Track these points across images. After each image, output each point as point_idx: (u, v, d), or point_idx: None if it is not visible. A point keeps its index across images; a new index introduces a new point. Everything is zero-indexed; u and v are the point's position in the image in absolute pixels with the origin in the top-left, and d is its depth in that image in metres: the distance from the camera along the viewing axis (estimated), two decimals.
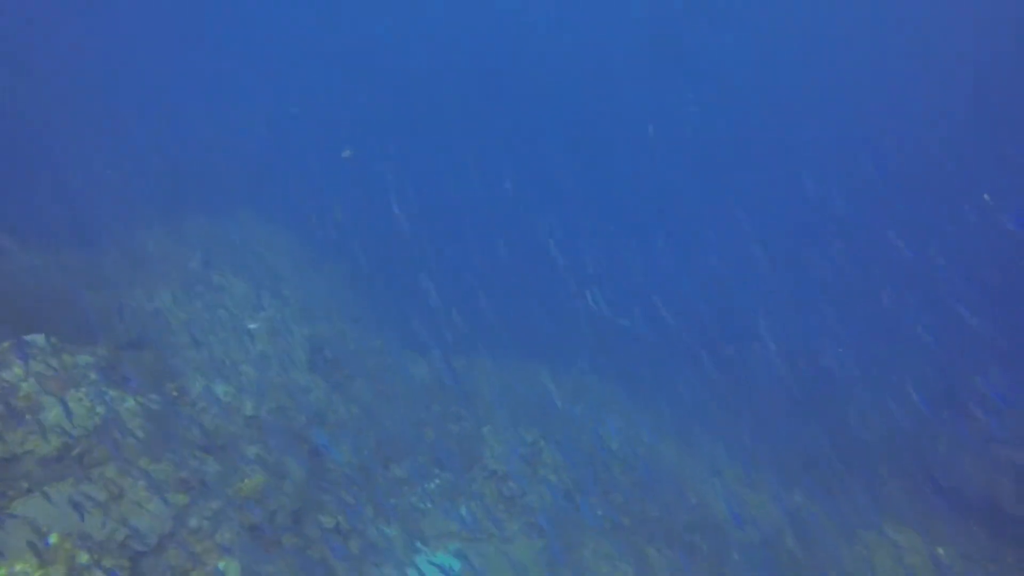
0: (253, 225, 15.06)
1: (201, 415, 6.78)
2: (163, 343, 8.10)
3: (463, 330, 13.03)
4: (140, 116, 17.45)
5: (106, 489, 5.05)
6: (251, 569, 5.40)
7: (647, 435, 11.12)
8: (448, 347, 12.72)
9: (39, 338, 5.91)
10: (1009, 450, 9.20)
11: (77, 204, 12.79)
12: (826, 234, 14.41)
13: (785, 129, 21.94)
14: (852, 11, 23.21)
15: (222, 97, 19.64)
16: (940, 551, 8.25)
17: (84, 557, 4.36)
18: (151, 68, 19.66)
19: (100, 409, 5.51)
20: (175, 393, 6.96)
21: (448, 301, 13.74)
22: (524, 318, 13.58)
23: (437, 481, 9.94)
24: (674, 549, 8.74)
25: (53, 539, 4.42)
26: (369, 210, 15.80)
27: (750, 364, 12.17)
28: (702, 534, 8.99)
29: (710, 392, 11.74)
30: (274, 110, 18.14)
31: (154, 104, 18.34)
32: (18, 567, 4.23)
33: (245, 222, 14.95)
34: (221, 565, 5.09)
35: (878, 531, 8.19)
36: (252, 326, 10.60)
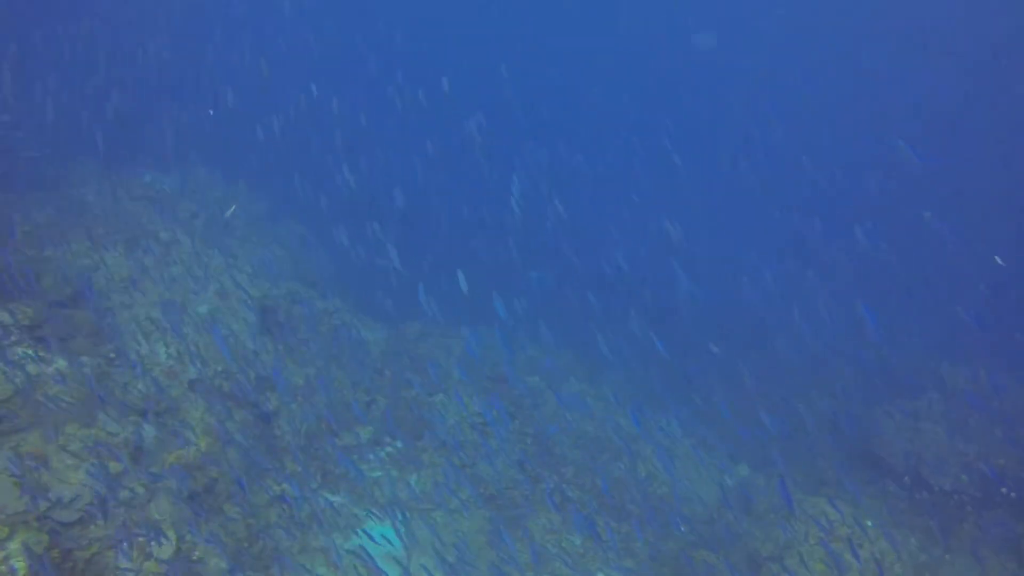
0: (207, 180, 14.40)
1: (140, 379, 6.49)
2: (100, 302, 7.70)
3: (420, 294, 12.84)
4: (90, 57, 16.31)
5: (26, 458, 4.78)
6: (187, 539, 5.25)
7: (600, 406, 11.27)
8: (403, 312, 12.58)
9: None
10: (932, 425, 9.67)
11: (13, 149, 11.98)
12: None
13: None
14: None
15: (180, 36, 18.44)
16: (868, 523, 8.64)
17: None
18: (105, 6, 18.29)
19: (20, 372, 5.19)
20: (112, 355, 6.63)
21: (406, 265, 13.49)
22: (482, 283, 13.46)
23: (388, 449, 9.88)
24: (621, 522, 8.93)
25: None
26: (329, 166, 15.32)
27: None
28: (649, 507, 9.20)
29: (661, 363, 11.91)
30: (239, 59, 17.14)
31: (103, 43, 17.15)
32: None
33: (198, 176, 14.28)
34: (153, 536, 4.92)
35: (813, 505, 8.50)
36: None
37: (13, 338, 5.81)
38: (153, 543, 4.94)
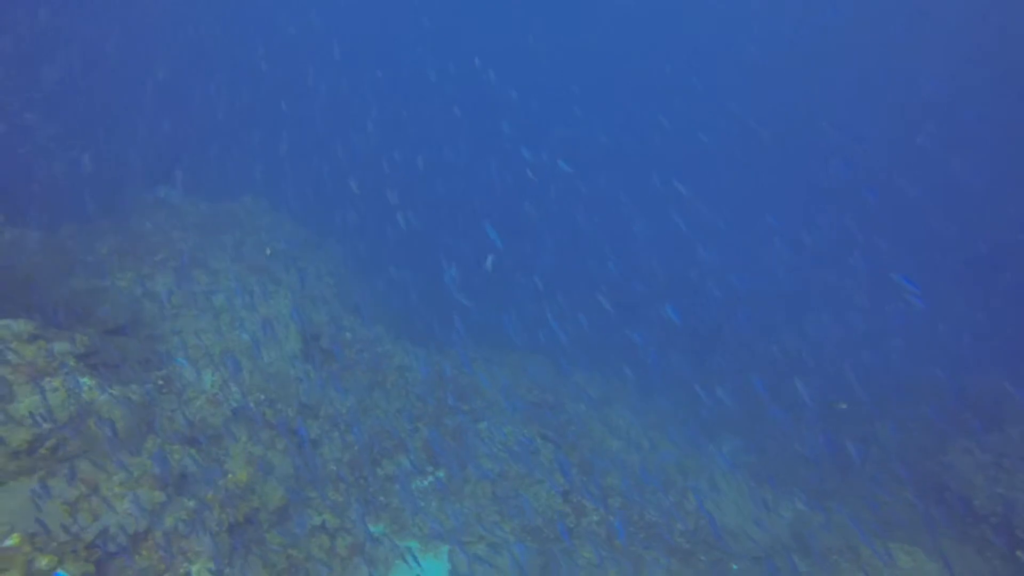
0: (255, 208, 14.79)
1: (186, 406, 6.54)
2: (152, 329, 7.86)
3: (465, 322, 12.81)
4: (150, 93, 17.15)
5: (77, 485, 4.81)
6: (225, 572, 5.18)
7: (647, 435, 10.87)
8: (448, 339, 12.52)
9: (15, 323, 5.67)
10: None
11: (76, 180, 12.57)
12: None
13: None
14: None
15: (232, 80, 19.26)
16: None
17: (43, 561, 4.13)
18: (167, 46, 19.32)
19: (76, 399, 5.27)
20: (160, 382, 6.71)
21: (450, 292, 13.49)
22: (530, 312, 13.32)
23: (430, 479, 9.72)
24: (670, 558, 8.49)
25: (13, 540, 4.19)
26: (374, 198, 15.56)
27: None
28: (700, 543, 8.73)
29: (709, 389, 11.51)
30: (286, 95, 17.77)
31: (164, 80, 18.05)
32: None
33: (247, 205, 14.69)
34: (194, 569, 4.86)
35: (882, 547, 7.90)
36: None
37: (71, 364, 5.93)
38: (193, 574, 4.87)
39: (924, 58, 23.35)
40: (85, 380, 5.51)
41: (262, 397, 8.25)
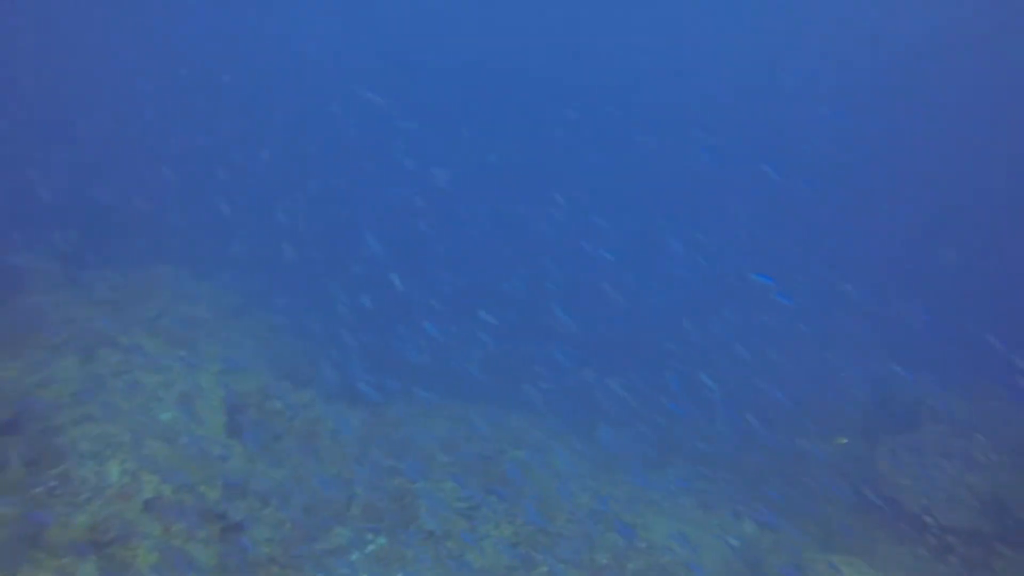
0: (175, 278, 14.18)
1: (84, 507, 6.01)
2: (46, 423, 7.26)
3: (399, 376, 12.52)
4: (49, 155, 16.36)
5: None
6: None
7: (593, 473, 10.76)
8: (383, 396, 12.17)
9: None
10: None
11: None
12: None
13: None
14: None
15: (140, 140, 18.65)
16: None
17: None
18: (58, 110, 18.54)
19: None
20: (53, 483, 6.16)
21: (382, 347, 13.19)
22: (463, 360, 13.15)
23: (371, 547, 9.25)
24: None
25: None
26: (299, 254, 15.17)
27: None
28: None
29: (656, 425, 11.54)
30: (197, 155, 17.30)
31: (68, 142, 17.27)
32: None
33: (163, 275, 14.06)
34: None
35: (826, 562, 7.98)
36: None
37: None
38: None
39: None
40: None
41: (180, 483, 7.70)
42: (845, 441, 10.58)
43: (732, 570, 8.95)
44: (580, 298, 14.08)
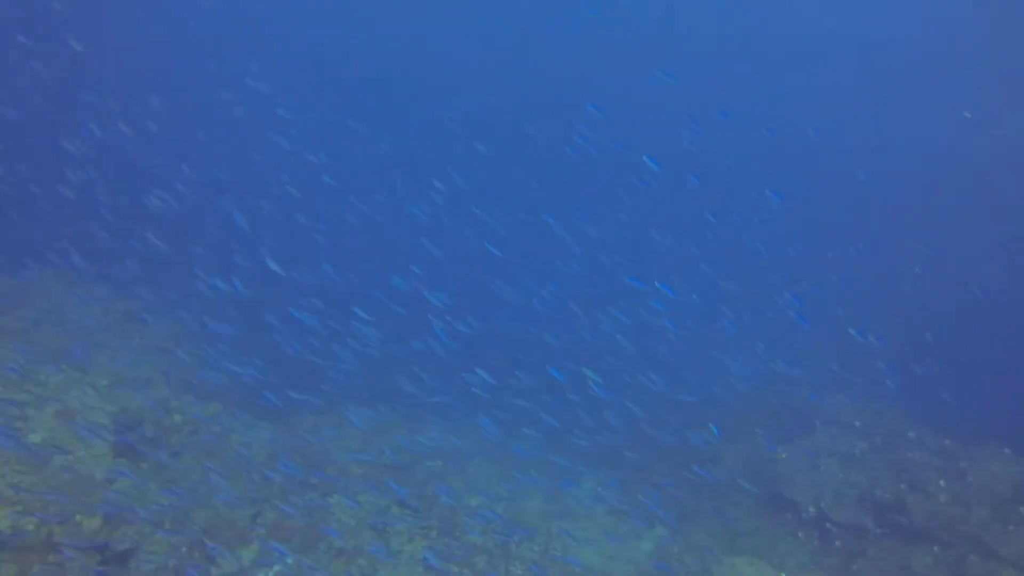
0: (52, 280, 12.97)
1: None
2: None
3: (311, 383, 11.98)
4: None
5: None
6: None
7: (507, 484, 10.69)
8: (294, 405, 11.63)
9: None
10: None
11: None
12: None
13: None
14: None
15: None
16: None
17: None
18: None
19: None
20: None
21: (284, 353, 12.57)
22: (379, 365, 12.75)
23: (277, 568, 8.78)
24: None
25: None
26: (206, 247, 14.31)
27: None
28: None
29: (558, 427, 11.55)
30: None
31: None
32: None
33: (43, 277, 12.84)
34: None
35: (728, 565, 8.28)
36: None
37: None
38: None
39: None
40: None
41: (53, 512, 6.99)
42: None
43: (645, 574, 9.12)
44: (468, 293, 13.98)
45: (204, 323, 13.08)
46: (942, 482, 8.92)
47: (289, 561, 8.93)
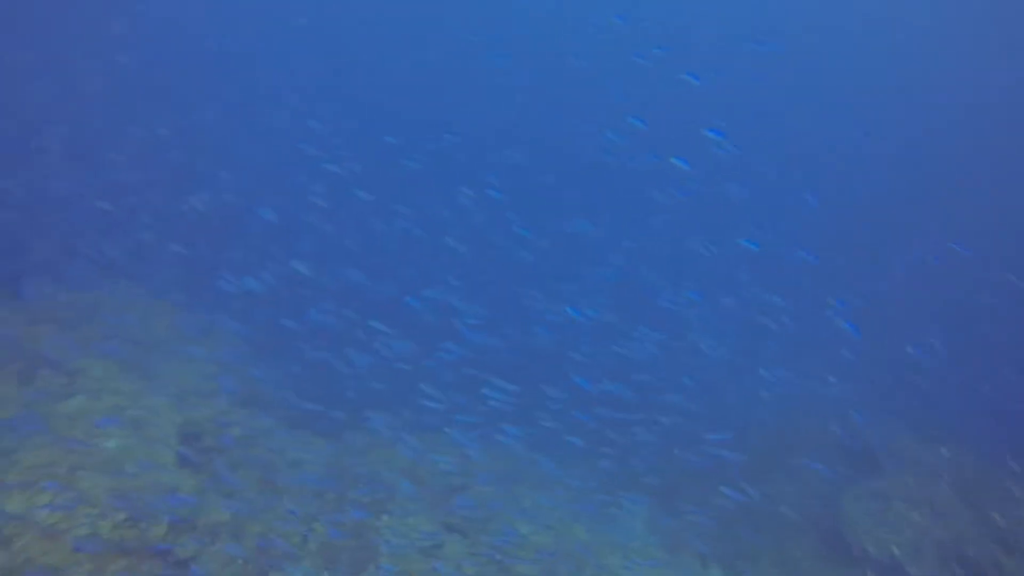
0: (129, 296, 13.61)
1: (6, 547, 5.55)
2: None
3: (365, 402, 12.11)
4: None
5: None
6: None
7: (558, 512, 10.50)
8: (349, 422, 11.79)
9: None
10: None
11: None
12: None
13: None
14: None
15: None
16: None
17: None
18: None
19: None
20: None
21: (349, 369, 12.76)
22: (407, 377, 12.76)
23: None
24: None
25: None
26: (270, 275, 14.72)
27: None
28: None
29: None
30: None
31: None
32: None
33: (119, 292, 13.50)
34: None
35: None
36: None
37: None
38: None
39: None
40: None
41: (122, 517, 7.23)
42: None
43: None
44: (502, 304, 13.82)
45: (258, 338, 13.49)
46: None
47: None
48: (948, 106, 25.84)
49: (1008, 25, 26.09)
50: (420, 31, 28.16)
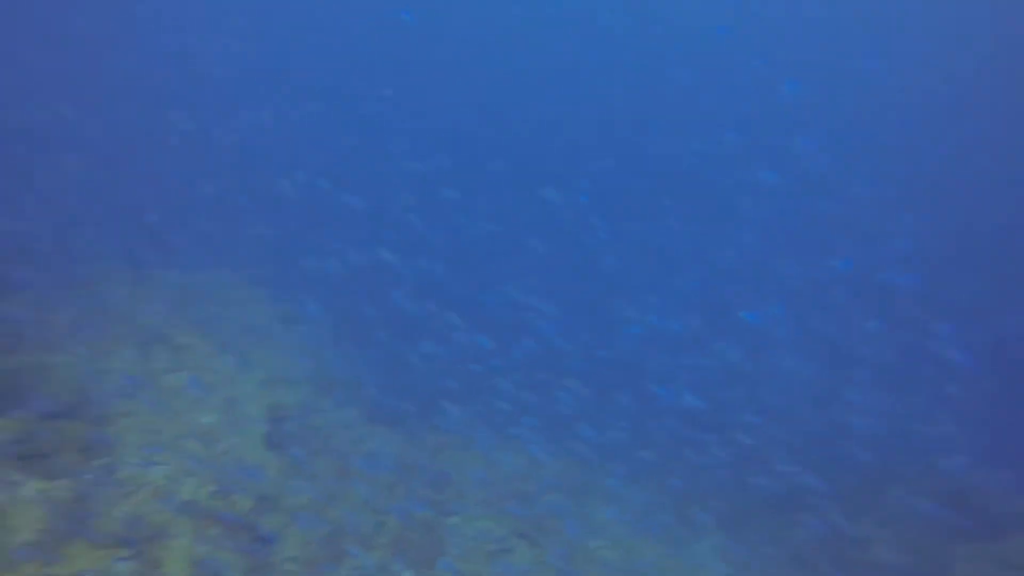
0: (231, 282, 14.48)
1: (125, 500, 5.98)
2: (100, 411, 7.35)
3: (445, 408, 12.25)
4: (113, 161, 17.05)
5: None
6: None
7: (628, 530, 10.24)
8: (424, 420, 11.98)
9: None
10: None
11: (38, 251, 12.26)
12: None
13: None
14: None
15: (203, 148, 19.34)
16: None
17: None
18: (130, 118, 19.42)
19: None
20: (101, 472, 6.17)
21: (432, 369, 12.99)
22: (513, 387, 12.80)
23: None
24: None
25: None
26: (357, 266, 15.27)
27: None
28: None
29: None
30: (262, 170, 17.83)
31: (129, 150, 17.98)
32: None
33: (222, 278, 14.39)
34: None
35: None
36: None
37: None
38: None
39: None
40: (11, 473, 5.01)
41: (215, 488, 7.64)
42: None
43: None
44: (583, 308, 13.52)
45: (341, 326, 13.96)
46: None
47: (407, 573, 9.09)
48: None
49: None
50: (521, 34, 28.78)
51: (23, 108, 16.95)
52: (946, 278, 13.79)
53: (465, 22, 29.57)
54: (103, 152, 16.60)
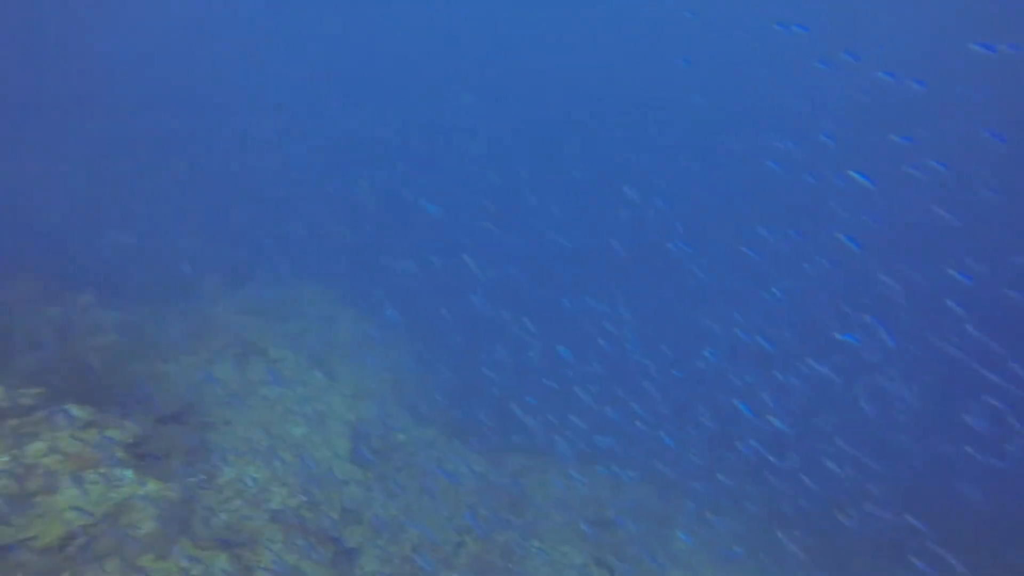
0: (320, 298, 15.12)
1: (225, 505, 6.25)
2: (205, 418, 7.78)
3: (525, 426, 12.15)
4: (220, 179, 18.25)
5: None
6: None
7: (706, 557, 9.71)
8: (505, 443, 11.92)
9: (73, 408, 5.66)
10: None
11: (156, 264, 13.28)
12: None
13: None
14: None
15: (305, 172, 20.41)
16: None
17: None
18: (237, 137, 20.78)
19: (115, 493, 5.09)
20: (203, 476, 6.50)
21: (514, 392, 12.94)
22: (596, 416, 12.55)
23: None
24: None
25: None
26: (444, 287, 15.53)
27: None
28: None
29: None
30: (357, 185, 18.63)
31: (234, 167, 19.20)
32: None
33: (313, 294, 15.05)
34: None
35: None
36: None
37: (119, 454, 5.83)
38: None
39: None
40: (127, 473, 5.36)
41: (304, 499, 7.87)
42: None
43: None
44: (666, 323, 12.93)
45: (422, 343, 14.19)
46: None
47: None
48: None
49: None
50: (601, 40, 28.99)
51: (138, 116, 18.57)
52: None
53: (543, 30, 30.08)
54: (207, 159, 17.91)
